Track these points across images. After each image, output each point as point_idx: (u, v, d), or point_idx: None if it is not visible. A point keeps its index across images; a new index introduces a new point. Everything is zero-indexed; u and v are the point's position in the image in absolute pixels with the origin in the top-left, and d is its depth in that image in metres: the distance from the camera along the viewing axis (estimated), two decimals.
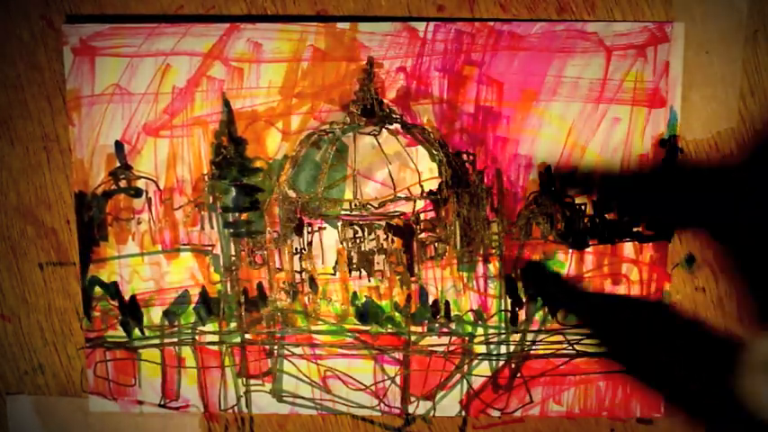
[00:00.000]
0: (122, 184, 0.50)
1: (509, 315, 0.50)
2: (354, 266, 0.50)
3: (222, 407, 0.52)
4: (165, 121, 0.49)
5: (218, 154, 0.50)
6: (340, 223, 0.50)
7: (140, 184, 0.50)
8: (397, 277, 0.50)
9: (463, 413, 0.52)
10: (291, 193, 0.50)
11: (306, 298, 0.51)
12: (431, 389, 0.52)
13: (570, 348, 0.51)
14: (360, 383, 0.52)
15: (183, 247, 0.50)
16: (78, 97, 0.49)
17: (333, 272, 0.51)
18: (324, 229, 0.50)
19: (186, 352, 0.51)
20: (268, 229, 0.50)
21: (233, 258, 0.51)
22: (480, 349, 0.51)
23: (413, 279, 0.50)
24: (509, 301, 0.50)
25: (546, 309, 0.50)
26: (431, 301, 0.51)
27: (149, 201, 0.50)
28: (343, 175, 0.50)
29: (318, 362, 0.51)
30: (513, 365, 0.51)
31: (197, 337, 0.51)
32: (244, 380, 0.52)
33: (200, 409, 0.52)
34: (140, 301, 0.51)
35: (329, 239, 0.50)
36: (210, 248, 0.50)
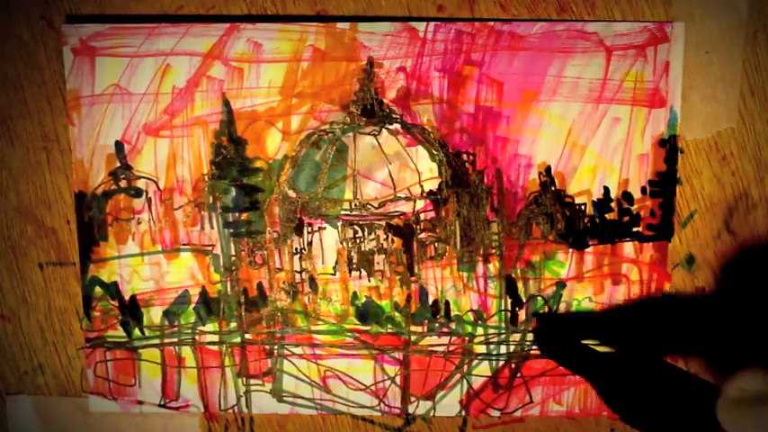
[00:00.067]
0: (122, 184, 0.50)
1: (509, 315, 0.51)
2: (354, 266, 0.50)
3: (222, 407, 0.52)
4: (165, 121, 0.49)
5: (218, 154, 0.50)
6: (340, 223, 0.50)
7: (140, 184, 0.50)
8: (397, 277, 0.50)
9: (463, 413, 0.52)
10: (291, 193, 0.50)
11: (306, 298, 0.51)
12: (431, 389, 0.52)
13: None
14: (360, 383, 0.52)
15: (183, 247, 0.50)
16: (78, 97, 0.49)
17: (333, 272, 0.51)
18: (324, 229, 0.50)
19: (186, 352, 0.51)
20: (268, 229, 0.50)
21: (233, 258, 0.50)
22: (480, 349, 0.51)
23: (413, 279, 0.50)
24: (509, 301, 0.50)
25: (546, 308, 0.50)
26: (431, 301, 0.51)
27: (149, 201, 0.50)
28: (343, 175, 0.50)
29: (318, 362, 0.51)
30: (513, 365, 0.51)
31: (197, 337, 0.51)
32: (244, 380, 0.52)
33: (200, 409, 0.52)
34: (140, 301, 0.51)
35: (329, 239, 0.50)
36: (210, 248, 0.50)
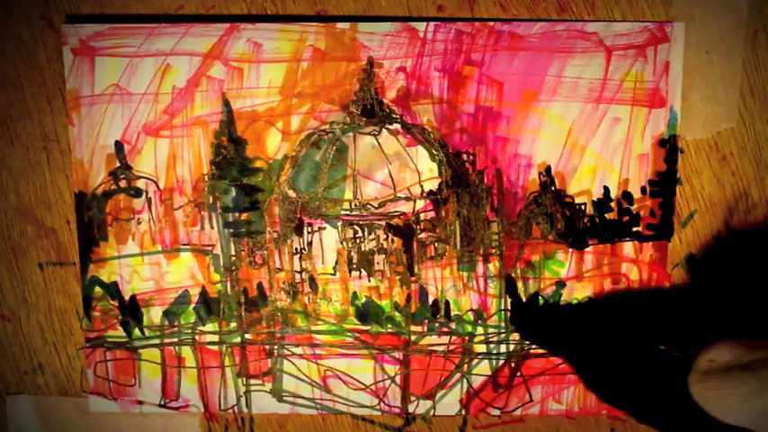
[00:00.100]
0: (122, 184, 0.50)
1: (509, 314, 0.51)
2: (354, 266, 0.50)
3: (222, 407, 0.52)
4: (165, 121, 0.49)
5: (218, 154, 0.50)
6: (340, 223, 0.50)
7: (140, 184, 0.50)
8: (397, 277, 0.50)
9: (463, 412, 0.52)
10: (291, 193, 0.50)
11: (306, 298, 0.51)
12: (431, 388, 0.52)
13: None
14: (360, 383, 0.52)
15: (183, 247, 0.50)
16: (78, 97, 0.49)
17: (333, 272, 0.51)
18: (324, 229, 0.50)
19: (186, 352, 0.51)
20: (268, 229, 0.50)
21: (233, 258, 0.51)
22: (480, 348, 0.51)
23: (413, 279, 0.50)
24: (509, 300, 0.50)
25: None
26: (431, 300, 0.51)
27: (149, 201, 0.50)
28: (343, 175, 0.50)
29: (318, 362, 0.51)
30: (512, 364, 0.51)
31: (197, 337, 0.51)
32: (244, 380, 0.52)
33: (200, 409, 0.52)
34: (140, 301, 0.51)
35: (329, 239, 0.50)
36: (210, 248, 0.50)
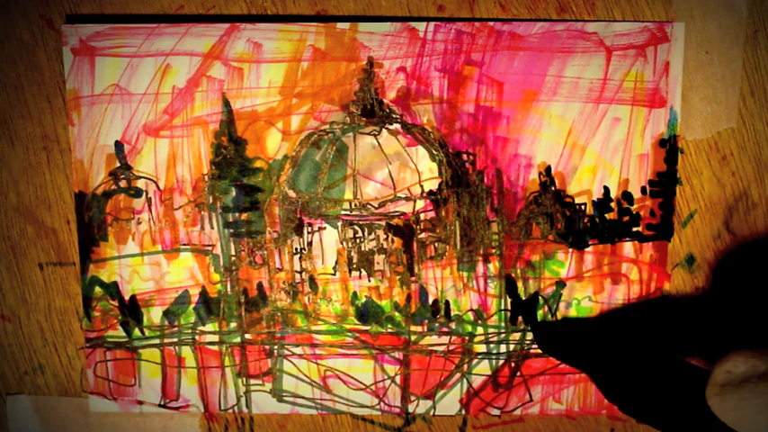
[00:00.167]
0: (122, 184, 0.50)
1: (509, 314, 0.51)
2: (354, 266, 0.50)
3: (222, 407, 0.52)
4: (165, 121, 0.49)
5: (218, 154, 0.50)
6: (340, 223, 0.50)
7: (140, 184, 0.50)
8: (397, 277, 0.50)
9: (463, 412, 0.52)
10: (291, 193, 0.50)
11: (306, 298, 0.51)
12: (431, 388, 0.52)
13: None
14: (360, 383, 0.52)
15: (183, 247, 0.50)
16: (78, 97, 0.49)
17: (333, 272, 0.51)
18: (324, 229, 0.50)
19: (186, 352, 0.51)
20: (268, 229, 0.50)
21: (233, 258, 0.51)
22: (480, 348, 0.51)
23: (413, 279, 0.50)
24: (509, 300, 0.50)
25: (546, 308, 0.50)
26: (431, 300, 0.51)
27: (149, 201, 0.50)
28: (343, 175, 0.50)
29: (318, 362, 0.51)
30: (512, 364, 0.51)
31: (197, 337, 0.51)
32: (244, 380, 0.52)
33: (200, 409, 0.52)
34: (140, 301, 0.51)
35: (329, 239, 0.50)
36: (210, 248, 0.50)
